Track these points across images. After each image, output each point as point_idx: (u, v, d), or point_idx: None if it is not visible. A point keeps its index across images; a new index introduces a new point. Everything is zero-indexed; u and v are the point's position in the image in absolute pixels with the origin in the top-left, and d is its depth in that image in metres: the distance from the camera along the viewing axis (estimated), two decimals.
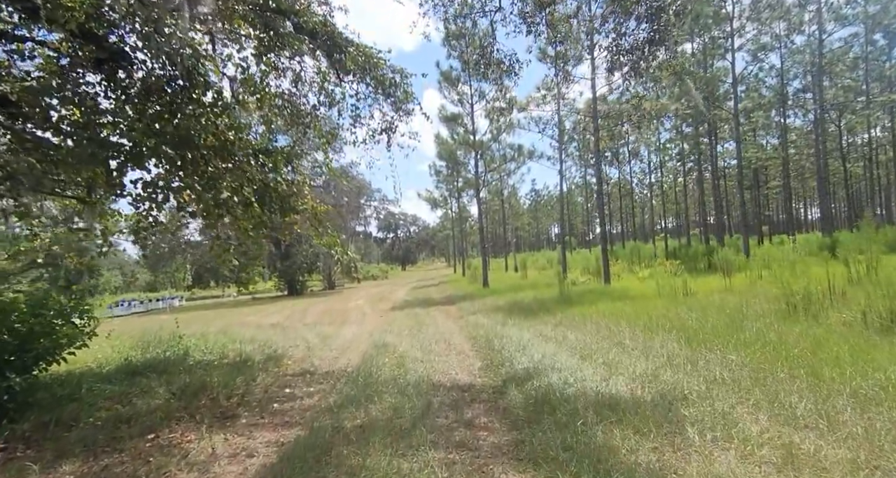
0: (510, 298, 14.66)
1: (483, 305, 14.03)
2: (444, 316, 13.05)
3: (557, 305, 11.92)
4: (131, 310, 27.63)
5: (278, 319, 15.17)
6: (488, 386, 5.50)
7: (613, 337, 7.25)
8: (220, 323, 15.72)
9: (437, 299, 18.70)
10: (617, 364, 5.58)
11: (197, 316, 20.57)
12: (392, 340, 9.23)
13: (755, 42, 23.21)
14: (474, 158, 19.89)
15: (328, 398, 5.49)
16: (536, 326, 9.16)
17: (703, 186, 40.29)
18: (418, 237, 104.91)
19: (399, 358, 7.33)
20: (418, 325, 11.34)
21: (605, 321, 8.73)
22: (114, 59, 5.13)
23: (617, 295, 12.47)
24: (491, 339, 8.26)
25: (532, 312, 11.14)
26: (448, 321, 11.83)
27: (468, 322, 11.09)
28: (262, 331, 11.91)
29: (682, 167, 32.85)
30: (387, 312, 15.29)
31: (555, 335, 7.95)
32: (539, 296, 14.26)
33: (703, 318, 7.78)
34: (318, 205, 8.83)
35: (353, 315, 15.29)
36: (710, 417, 3.71)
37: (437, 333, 9.90)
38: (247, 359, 7.75)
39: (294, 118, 8.67)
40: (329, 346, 9.26)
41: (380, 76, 7.47)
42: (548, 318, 10.10)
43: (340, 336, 10.52)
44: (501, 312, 12.09)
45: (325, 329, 11.82)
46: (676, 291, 11.41)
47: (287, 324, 13.68)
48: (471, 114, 19.85)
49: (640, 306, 10.00)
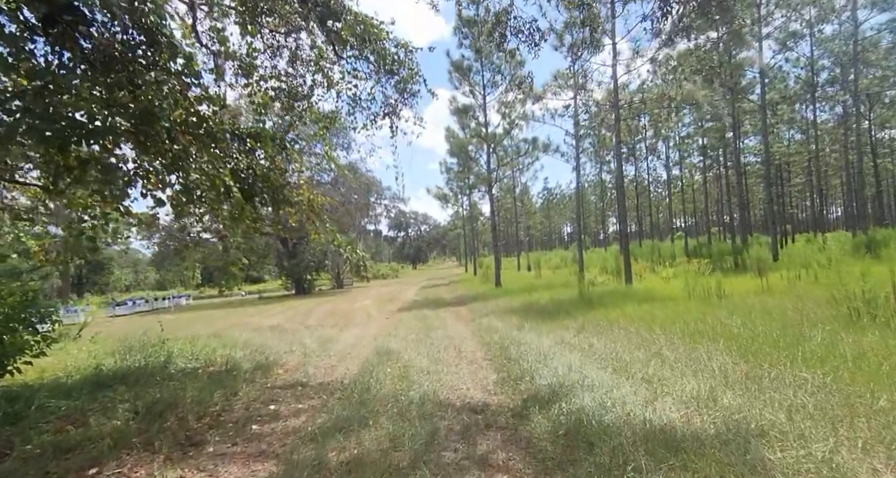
0: (525, 300, 13.74)
1: (496, 307, 13.13)
2: (454, 318, 12.18)
3: (577, 307, 10.98)
4: (135, 309, 27.12)
5: (280, 321, 14.40)
6: (506, 407, 4.62)
7: (648, 346, 6.32)
8: (220, 324, 15.01)
9: (447, 300, 17.83)
10: (660, 381, 4.66)
11: (200, 316, 19.92)
12: (397, 345, 8.37)
13: (783, 29, 21.99)
14: (487, 152, 18.98)
15: (317, 419, 4.65)
16: (556, 332, 8.24)
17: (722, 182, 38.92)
18: (429, 236, 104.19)
19: (403, 368, 6.47)
20: (426, 328, 10.48)
21: (634, 327, 7.79)
22: (64, 17, 4.32)
23: (642, 296, 11.50)
24: (506, 346, 7.37)
25: (550, 315, 10.22)
26: (459, 324, 10.95)
27: (480, 326, 10.21)
28: (259, 334, 11.14)
29: (703, 163, 31.62)
30: (394, 314, 14.45)
31: (579, 343, 7.03)
32: (556, 297, 13.32)
33: (749, 324, 6.81)
34: (315, 196, 8.00)
35: (358, 316, 14.48)
36: (809, 465, 2.79)
37: (446, 337, 9.03)
38: (234, 367, 6.94)
39: (289, 100, 7.85)
40: (328, 352, 8.43)
41: (381, 50, 6.60)
42: (568, 322, 9.17)
43: (342, 341, 9.69)
44: (516, 314, 11.18)
45: (326, 332, 11.01)
46: (708, 293, 10.42)
47: (288, 326, 12.89)
48: (483, 106, 18.95)
49: (671, 310, 9.04)
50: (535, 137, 18.81)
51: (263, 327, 12.65)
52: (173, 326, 15.58)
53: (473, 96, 18.92)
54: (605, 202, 79.86)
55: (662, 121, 30.69)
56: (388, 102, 7.35)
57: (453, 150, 21.29)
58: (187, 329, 13.93)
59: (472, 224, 42.00)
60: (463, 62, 18.37)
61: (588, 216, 71.96)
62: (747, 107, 25.10)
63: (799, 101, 26.16)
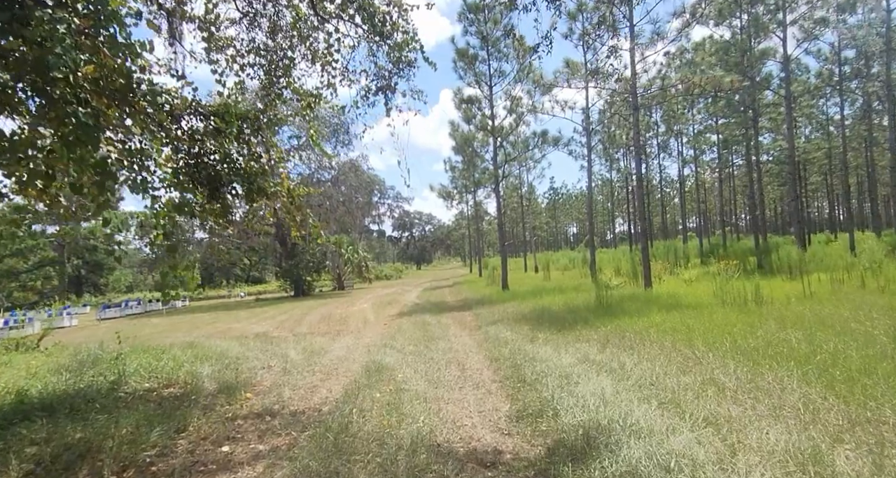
0: (535, 305, 12.58)
1: (504, 313, 11.98)
2: (457, 326, 11.04)
3: (596, 314, 9.82)
4: (125, 311, 26.11)
5: (268, 327, 13.29)
6: (525, 458, 3.49)
7: (694, 367, 5.16)
8: (203, 330, 13.93)
9: (450, 304, 16.69)
10: (730, 425, 3.50)
11: (188, 320, 18.87)
12: (391, 360, 7.24)
13: (808, 17, 20.71)
14: (493, 147, 17.82)
15: (276, 471, 3.53)
16: (577, 345, 7.08)
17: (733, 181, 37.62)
18: (434, 236, 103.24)
19: (394, 393, 5.34)
20: (426, 338, 9.34)
21: (669, 340, 6.63)
22: None
23: (666, 302, 10.32)
24: (519, 364, 6.23)
25: (567, 324, 9.06)
26: (463, 334, 9.81)
27: (488, 336, 9.06)
28: (240, 343, 10.03)
29: (718, 160, 30.29)
30: (393, 320, 13.33)
31: (606, 361, 5.88)
32: (570, 302, 12.16)
33: (812, 340, 5.64)
34: (297, 187, 6.90)
35: (353, 322, 13.36)
36: None
37: (448, 350, 7.89)
38: (195, 389, 5.83)
39: (268, 77, 6.74)
40: (312, 367, 7.30)
41: (369, 6, 5.46)
42: (589, 333, 8.01)
43: (330, 352, 8.57)
44: (527, 322, 10.03)
45: (315, 342, 9.89)
46: (743, 299, 9.22)
47: (275, 334, 11.79)
48: (489, 97, 17.78)
49: (707, 319, 7.86)
50: (545, 130, 17.64)
51: (248, 335, 11.55)
52: (154, 332, 14.55)
53: (479, 87, 17.77)
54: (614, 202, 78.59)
55: (677, 115, 29.44)
56: (381, 74, 6.22)
57: (458, 145, 20.12)
58: (166, 336, 12.86)
59: (478, 224, 40.84)
60: (468, 50, 17.22)
61: (595, 216, 70.75)
62: (765, 100, 23.82)
63: (822, 94, 24.82)
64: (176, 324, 17.30)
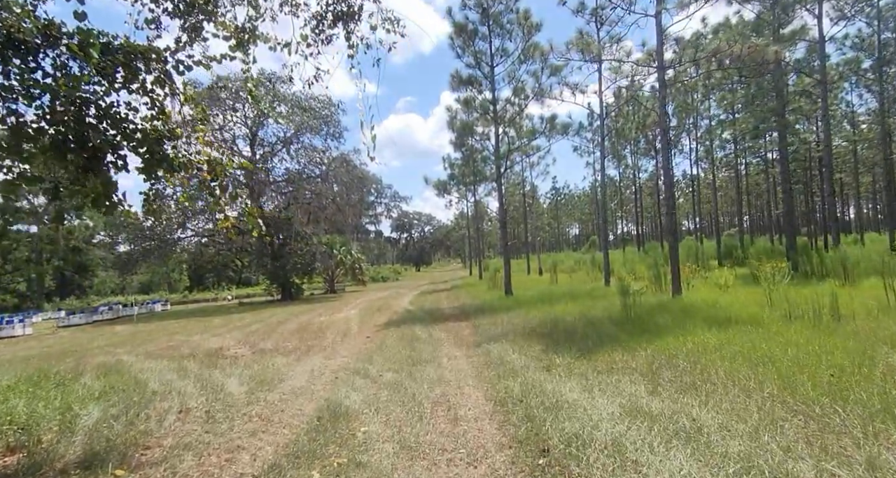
0: (545, 314, 10.62)
1: (509, 325, 10.02)
2: (452, 342, 9.06)
3: (625, 329, 7.85)
4: (93, 317, 24.06)
5: (229, 341, 11.29)
6: None
7: (827, 436, 3.20)
8: (156, 344, 11.96)
9: (446, 312, 14.71)
10: None
11: (151, 329, 16.90)
12: (358, 399, 5.29)
13: None
14: (495, 135, 15.86)
15: None
16: (613, 379, 5.12)
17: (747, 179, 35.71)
18: (433, 237, 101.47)
19: (350, 464, 3.39)
20: (412, 360, 7.37)
21: (745, 374, 4.67)
22: None
23: (708, 314, 8.36)
24: (534, 410, 4.29)
25: (590, 343, 7.09)
26: (458, 353, 7.84)
27: (489, 358, 7.09)
28: (180, 365, 8.05)
29: (735, 156, 28.31)
30: (378, 331, 11.36)
31: (670, 414, 3.91)
32: (587, 312, 10.19)
33: None
34: (228, 161, 4.96)
35: (332, 334, 11.38)
36: None
37: (437, 381, 5.93)
38: (47, 459, 3.86)
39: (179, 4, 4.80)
40: (249, 408, 5.33)
41: None
42: (624, 357, 6.04)
43: (286, 382, 6.60)
44: (538, 339, 8.06)
45: (274, 363, 7.92)
46: (816, 311, 7.24)
47: (233, 350, 9.81)
48: (490, 77, 15.82)
49: (781, 341, 5.91)
50: (554, 115, 15.59)
51: (199, 352, 9.55)
52: (102, 345, 12.60)
53: (479, 67, 15.80)
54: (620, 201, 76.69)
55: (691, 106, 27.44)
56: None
57: (456, 135, 18.09)
58: (109, 351, 10.93)
59: (478, 224, 38.88)
60: (467, 25, 15.26)
61: (599, 217, 68.54)
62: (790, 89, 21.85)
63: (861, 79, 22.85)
64: (135, 334, 15.32)
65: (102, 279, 50.51)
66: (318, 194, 28.43)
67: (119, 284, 50.44)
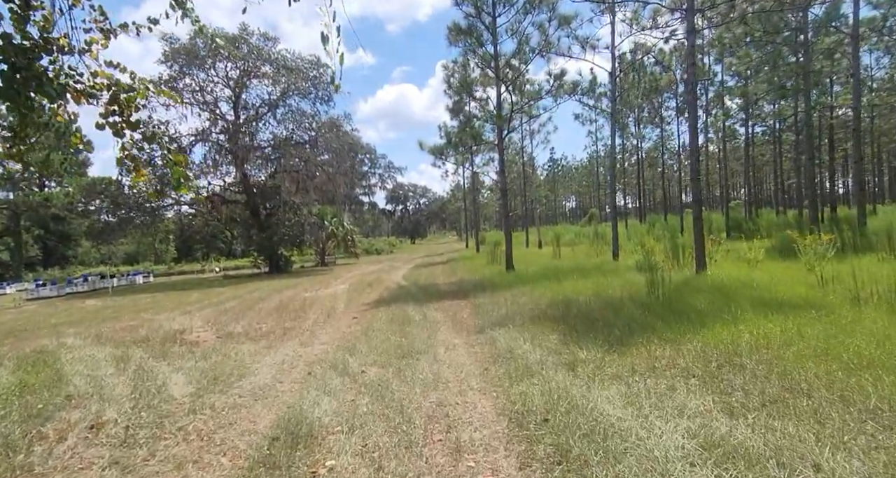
0: (555, 293, 9.38)
1: (514, 305, 8.78)
2: (450, 325, 7.83)
3: (655, 314, 6.61)
4: (65, 290, 22.72)
5: (197, 321, 10.00)
6: None
7: None
8: (118, 322, 10.68)
9: (442, 288, 13.47)
10: None
11: (120, 304, 15.60)
12: (330, 409, 4.06)
13: None
14: (497, 93, 14.30)
15: None
16: (661, 386, 3.90)
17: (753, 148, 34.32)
18: (428, 210, 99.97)
19: None
20: (402, 351, 6.12)
21: (843, 382, 3.45)
22: None
23: (749, 295, 7.13)
24: (566, 436, 3.07)
25: (619, 333, 5.85)
26: (457, 341, 6.61)
27: (496, 349, 5.86)
28: (125, 353, 6.78)
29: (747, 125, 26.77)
30: (366, 311, 10.13)
31: (771, 451, 2.67)
32: (603, 290, 8.97)
33: None
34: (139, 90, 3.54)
35: (315, 313, 10.14)
36: None
37: (433, 383, 4.69)
38: None
39: None
40: (190, 420, 4.09)
41: None
42: (666, 352, 4.81)
43: (247, 377, 5.35)
44: (552, 323, 6.83)
45: (239, 352, 6.67)
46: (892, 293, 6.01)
47: (196, 332, 8.54)
48: (493, 29, 14.17)
49: (866, 331, 4.68)
50: (563, 70, 13.92)
51: (156, 336, 8.27)
52: (61, 322, 11.33)
53: (479, 16, 14.11)
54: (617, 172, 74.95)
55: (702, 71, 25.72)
56: None
57: (454, 91, 16.39)
58: (64, 330, 9.66)
59: (474, 195, 37.41)
60: None
61: (597, 189, 66.94)
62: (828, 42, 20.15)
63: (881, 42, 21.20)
64: (100, 310, 14.02)
65: (87, 249, 48.93)
66: (306, 161, 26.76)
67: (105, 255, 48.89)
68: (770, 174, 61.68)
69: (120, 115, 3.28)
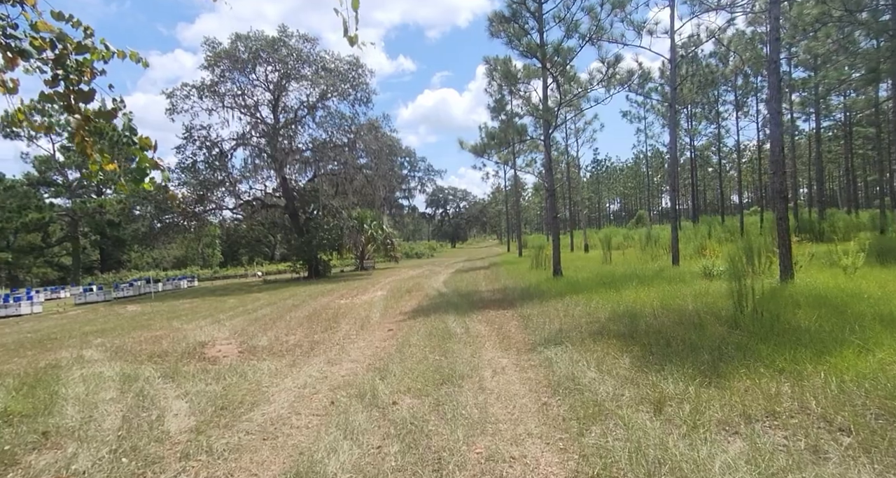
0: (614, 304, 8.21)
1: (568, 318, 7.69)
2: (496, 342, 6.83)
3: (752, 335, 5.39)
4: (113, 294, 22.97)
5: (225, 332, 9.39)
6: None
7: None
8: (146, 331, 10.25)
9: (485, 295, 12.47)
10: None
11: (158, 310, 15.37)
12: (350, 459, 3.16)
13: None
14: (543, 83, 13.21)
15: None
16: (801, 448, 2.79)
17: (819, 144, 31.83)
18: (468, 213, 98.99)
19: None
20: (441, 375, 5.18)
21: None
22: None
23: (872, 311, 5.80)
24: None
25: (708, 358, 4.69)
26: (505, 362, 5.61)
27: (554, 375, 4.83)
28: (134, 371, 6.15)
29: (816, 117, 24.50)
30: (402, 321, 9.26)
31: None
32: (671, 302, 7.75)
33: None
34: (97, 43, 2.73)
35: (347, 324, 9.35)
36: None
37: (479, 422, 3.73)
38: None
39: None
40: (181, 468, 3.29)
41: None
42: (784, 388, 3.67)
43: (261, 405, 4.56)
44: (618, 343, 5.72)
45: (258, 372, 5.90)
46: None
47: (218, 346, 7.88)
48: (539, 15, 13.09)
49: None
50: (618, 56, 12.48)
51: (177, 349, 7.67)
52: (94, 330, 11.01)
53: (524, 4, 13.06)
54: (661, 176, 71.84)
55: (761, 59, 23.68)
56: None
57: (496, 85, 15.29)
58: (92, 338, 9.26)
59: (516, 197, 36.19)
60: None
61: (647, 190, 64.10)
62: None
63: None
64: (137, 316, 13.80)
65: (140, 253, 50.64)
66: (344, 164, 26.35)
67: (157, 259, 50.51)
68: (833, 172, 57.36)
69: (68, 82, 2.51)
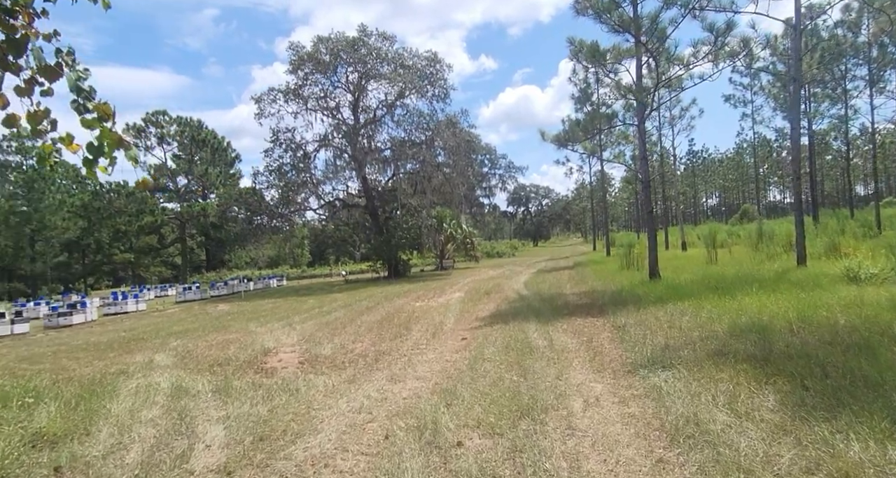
0: (733, 314, 6.71)
1: (675, 330, 6.36)
2: (586, 359, 5.72)
3: None
4: (209, 293, 24.18)
5: (294, 337, 9.02)
6: None
7: None
8: (221, 335, 10.21)
9: (570, 299, 11.25)
10: None
11: (246, 310, 15.67)
12: None
13: None
14: (637, 59, 11.63)
15: None
16: None
17: None
18: (551, 211, 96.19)
19: None
20: (521, 403, 4.21)
21: None
22: None
23: None
24: None
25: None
26: (599, 390, 4.52)
27: (667, 412, 3.69)
28: (195, 382, 5.78)
29: None
30: (478, 328, 8.38)
31: None
32: (814, 314, 6.16)
33: None
34: None
35: (417, 332, 8.63)
36: None
37: None
38: None
39: None
40: None
41: None
42: None
43: (304, 436, 3.90)
44: (752, 369, 4.42)
45: (314, 386, 5.31)
46: None
47: (282, 354, 7.46)
48: None
49: None
50: (730, 22, 10.25)
51: (240, 357, 7.34)
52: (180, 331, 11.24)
53: None
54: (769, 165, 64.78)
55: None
56: None
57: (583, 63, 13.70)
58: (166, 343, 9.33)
59: (602, 192, 33.95)
60: None
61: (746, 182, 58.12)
62: None
63: None
64: (222, 316, 14.12)
65: (239, 253, 54.10)
66: (423, 162, 25.97)
67: (253, 259, 53.71)
68: None
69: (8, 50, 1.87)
